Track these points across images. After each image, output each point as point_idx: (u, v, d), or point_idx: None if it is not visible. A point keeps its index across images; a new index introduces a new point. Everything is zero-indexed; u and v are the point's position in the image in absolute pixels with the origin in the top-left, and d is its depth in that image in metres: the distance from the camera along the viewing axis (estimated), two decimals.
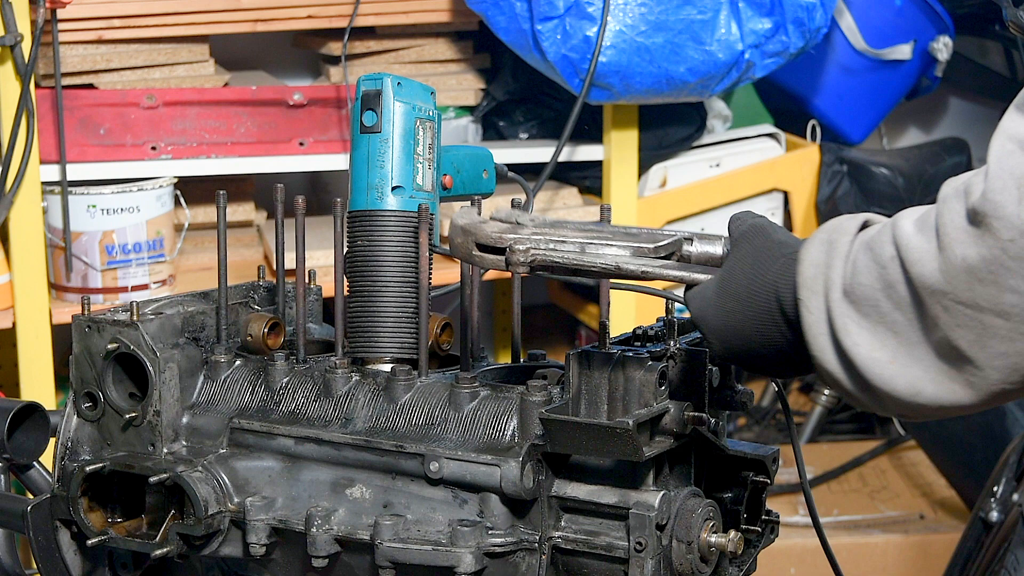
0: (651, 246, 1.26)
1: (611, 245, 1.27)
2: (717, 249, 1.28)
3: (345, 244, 1.53)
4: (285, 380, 1.51)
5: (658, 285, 1.38)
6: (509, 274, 1.34)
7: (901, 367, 1.06)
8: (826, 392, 3.85)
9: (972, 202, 1.02)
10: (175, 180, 2.96)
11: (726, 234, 1.26)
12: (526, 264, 1.26)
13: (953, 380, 1.05)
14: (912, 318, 1.05)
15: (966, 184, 1.04)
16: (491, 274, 2.71)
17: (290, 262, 1.69)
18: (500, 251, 1.27)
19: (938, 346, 1.04)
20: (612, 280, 1.33)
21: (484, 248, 1.28)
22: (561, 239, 1.27)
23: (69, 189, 2.83)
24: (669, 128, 3.25)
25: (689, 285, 1.26)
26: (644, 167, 3.22)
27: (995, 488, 2.69)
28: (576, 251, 1.26)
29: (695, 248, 1.29)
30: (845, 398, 1.13)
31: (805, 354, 1.14)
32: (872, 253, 1.08)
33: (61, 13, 2.78)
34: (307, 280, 1.67)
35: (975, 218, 1.01)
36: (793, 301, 1.14)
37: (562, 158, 3.01)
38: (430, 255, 1.50)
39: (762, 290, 1.18)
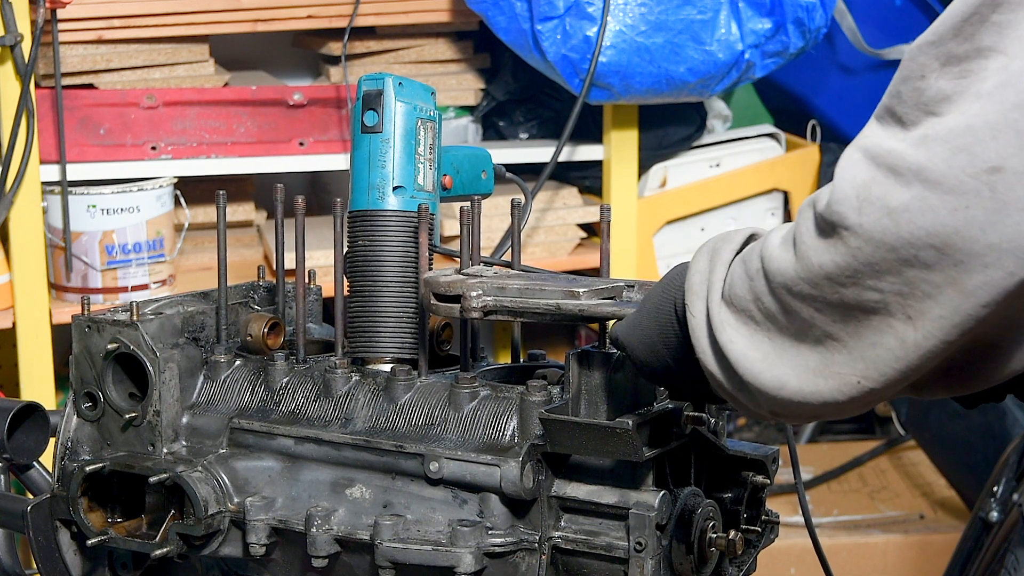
0: (586, 290, 1.32)
1: (549, 290, 1.33)
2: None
3: (345, 244, 1.53)
4: (285, 380, 1.51)
5: None
6: None
7: (769, 364, 1.10)
8: None
9: (819, 211, 1.06)
10: (175, 180, 2.96)
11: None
12: (479, 310, 1.34)
13: (817, 375, 1.08)
14: (782, 325, 1.09)
15: (816, 196, 1.08)
16: None
17: (290, 262, 1.70)
18: (452, 299, 1.36)
19: (815, 343, 1.08)
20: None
21: (439, 297, 1.37)
22: (504, 286, 1.35)
23: (69, 189, 2.83)
24: (669, 128, 3.25)
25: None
26: (644, 167, 3.22)
27: (995, 488, 2.69)
28: (521, 296, 1.34)
29: (635, 295, 1.35)
30: (729, 401, 1.16)
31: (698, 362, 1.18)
32: (744, 266, 1.12)
33: (61, 13, 2.78)
34: (307, 280, 1.67)
35: (824, 228, 1.05)
36: (683, 308, 1.19)
37: (562, 158, 3.01)
38: (430, 255, 1.50)
39: (666, 303, 1.23)
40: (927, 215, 0.98)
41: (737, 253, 1.17)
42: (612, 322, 1.33)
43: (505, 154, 3.04)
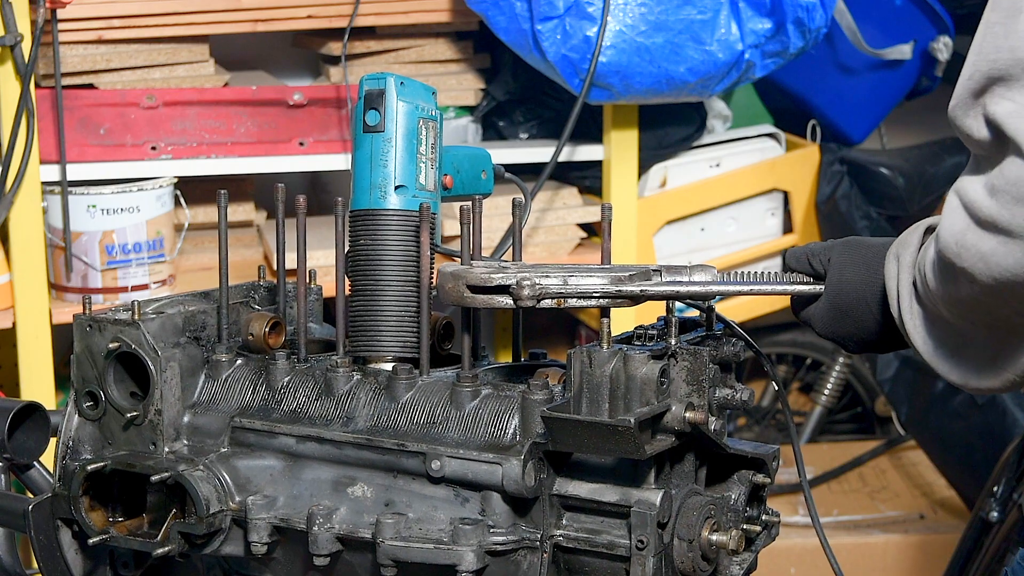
0: (625, 274, 1.37)
1: (591, 276, 1.37)
2: (684, 278, 1.39)
3: (346, 243, 1.53)
4: (286, 379, 1.51)
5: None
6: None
7: (953, 365, 1.27)
8: (826, 392, 3.85)
9: (936, 249, 1.21)
10: (175, 180, 2.96)
11: (691, 262, 1.42)
12: (533, 298, 1.36)
13: (989, 373, 1.26)
14: (953, 328, 1.25)
15: (938, 226, 1.22)
16: None
17: (291, 262, 1.70)
18: (490, 290, 1.38)
19: (980, 349, 1.25)
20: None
21: (475, 289, 1.38)
22: (545, 274, 1.37)
23: (69, 189, 2.83)
24: (669, 128, 3.25)
25: (799, 305, 1.46)
26: (644, 167, 3.22)
27: (995, 488, 2.69)
28: (565, 283, 1.37)
29: (664, 279, 1.39)
30: None
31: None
32: (920, 275, 1.27)
33: (61, 13, 2.78)
34: (308, 280, 1.67)
35: (941, 266, 1.21)
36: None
37: (562, 158, 3.01)
38: (432, 254, 1.50)
39: (868, 301, 1.39)
40: (1008, 259, 1.14)
41: (919, 249, 1.30)
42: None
43: (505, 154, 3.04)
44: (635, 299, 1.37)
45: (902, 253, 1.32)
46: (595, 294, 1.36)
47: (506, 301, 1.37)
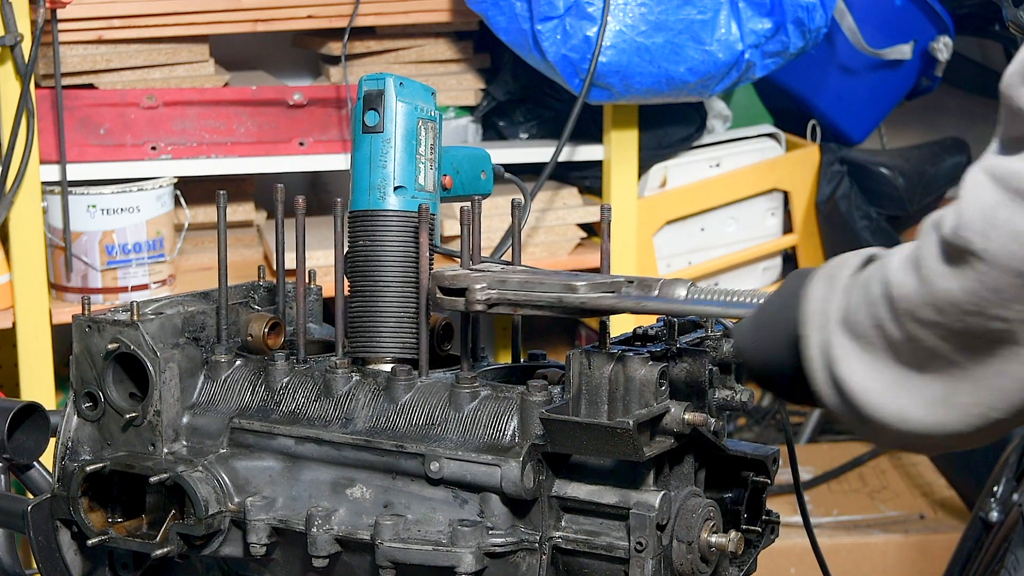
0: (584, 284, 1.34)
1: (544, 284, 1.35)
2: (654, 292, 1.34)
3: (346, 244, 1.53)
4: (285, 380, 1.51)
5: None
6: None
7: (892, 396, 1.08)
8: None
9: (944, 235, 1.05)
10: (175, 180, 2.96)
11: (663, 276, 1.31)
12: (483, 303, 1.36)
13: (940, 405, 1.07)
14: (904, 353, 1.07)
15: (940, 217, 1.07)
16: None
17: (290, 262, 1.70)
18: (456, 292, 1.38)
19: (938, 372, 1.06)
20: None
21: (444, 291, 1.39)
22: (506, 279, 1.37)
23: (69, 189, 2.83)
24: (669, 128, 3.25)
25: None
26: (644, 167, 3.22)
27: (995, 488, 2.68)
28: (522, 289, 1.36)
29: (634, 290, 1.35)
30: (850, 427, 1.14)
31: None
32: (865, 291, 1.10)
33: (61, 13, 2.78)
34: (307, 280, 1.67)
35: (950, 253, 1.04)
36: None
37: (562, 158, 3.01)
38: (431, 255, 1.50)
39: (784, 317, 1.20)
40: None
41: (855, 275, 1.14)
42: (620, 318, 1.33)
43: (505, 154, 3.04)
44: (579, 312, 1.35)
45: (836, 273, 1.15)
46: (542, 304, 1.35)
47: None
